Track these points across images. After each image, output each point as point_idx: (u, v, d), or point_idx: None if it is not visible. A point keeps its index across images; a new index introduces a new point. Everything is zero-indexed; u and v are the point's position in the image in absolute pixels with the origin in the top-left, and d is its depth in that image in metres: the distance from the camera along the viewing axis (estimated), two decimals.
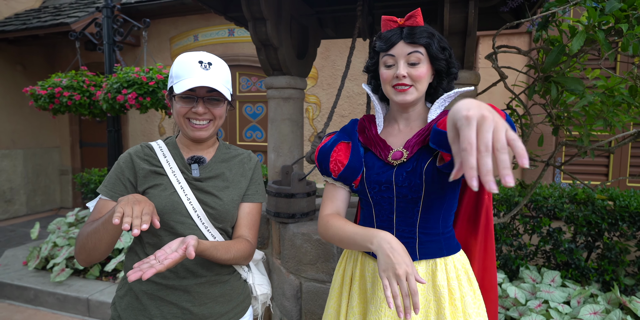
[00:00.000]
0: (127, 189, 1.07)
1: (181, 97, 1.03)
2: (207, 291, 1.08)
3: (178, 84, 1.00)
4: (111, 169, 1.12)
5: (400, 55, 0.99)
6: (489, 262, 1.18)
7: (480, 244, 1.17)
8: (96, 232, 0.94)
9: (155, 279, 1.04)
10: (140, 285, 1.06)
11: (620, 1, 1.45)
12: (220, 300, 1.10)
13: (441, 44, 1.02)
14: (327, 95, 4.77)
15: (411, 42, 0.98)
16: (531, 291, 2.36)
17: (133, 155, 1.10)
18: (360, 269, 1.12)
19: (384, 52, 1.02)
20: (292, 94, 2.27)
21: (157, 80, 3.16)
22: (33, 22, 5.11)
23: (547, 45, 1.78)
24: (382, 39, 1.02)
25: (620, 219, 2.47)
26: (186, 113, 1.04)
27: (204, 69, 1.02)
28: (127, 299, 1.07)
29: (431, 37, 1.00)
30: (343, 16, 2.72)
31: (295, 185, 2.07)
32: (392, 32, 1.02)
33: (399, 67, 0.99)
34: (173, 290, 1.05)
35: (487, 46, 3.63)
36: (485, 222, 1.16)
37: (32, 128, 6.04)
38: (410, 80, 0.99)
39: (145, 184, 1.06)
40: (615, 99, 1.82)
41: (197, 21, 5.28)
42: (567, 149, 3.70)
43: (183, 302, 1.05)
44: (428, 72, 1.01)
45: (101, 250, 0.96)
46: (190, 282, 1.06)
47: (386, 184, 1.05)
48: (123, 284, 1.11)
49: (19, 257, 3.82)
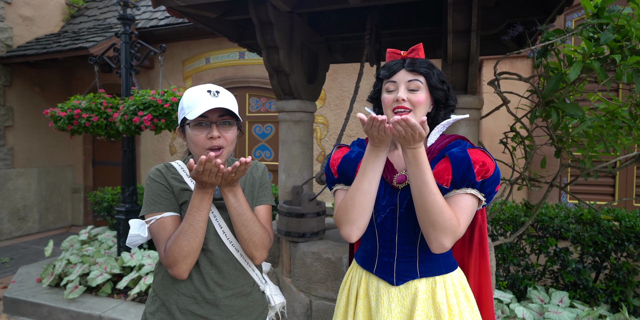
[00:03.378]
0: (176, 200, 1.14)
1: (195, 125, 1.10)
2: (234, 304, 1.15)
3: (190, 112, 1.08)
4: (147, 190, 1.16)
5: (401, 82, 1.09)
6: (483, 278, 1.24)
7: (475, 261, 1.23)
8: (185, 233, 1.05)
9: (186, 293, 1.12)
10: (172, 300, 1.12)
11: (614, 32, 1.54)
12: (244, 312, 1.18)
13: (440, 77, 1.11)
14: (335, 115, 4.89)
15: (412, 70, 1.08)
16: (539, 312, 2.37)
17: (163, 173, 1.17)
18: (365, 288, 1.18)
19: (387, 79, 1.12)
20: (302, 117, 2.37)
21: (171, 102, 3.29)
22: (53, 46, 5.34)
23: (546, 72, 1.87)
24: (386, 67, 1.13)
25: (626, 240, 2.49)
26: (204, 142, 1.11)
27: (213, 96, 1.10)
28: (160, 314, 1.14)
29: (431, 68, 1.09)
30: (351, 42, 2.85)
31: (306, 205, 2.14)
32: (395, 61, 1.12)
33: (399, 91, 1.08)
34: (204, 304, 1.12)
35: (491, 69, 3.74)
36: (479, 241, 1.22)
37: (47, 147, 6.21)
38: (409, 104, 1.08)
39: (179, 200, 1.15)
40: (616, 122, 1.89)
41: (208, 44, 5.49)
42: (572, 170, 3.74)
43: (212, 316, 1.12)
44: (427, 99, 1.10)
45: (197, 248, 1.07)
46: (219, 296, 1.13)
47: (390, 206, 1.12)
48: (153, 300, 1.18)
49: (32, 274, 3.88)
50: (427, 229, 1.00)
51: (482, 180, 1.02)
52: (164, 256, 1.07)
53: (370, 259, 1.18)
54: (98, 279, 3.31)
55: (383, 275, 1.14)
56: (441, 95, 1.11)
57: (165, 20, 5.39)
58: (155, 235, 1.10)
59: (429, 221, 0.98)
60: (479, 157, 1.03)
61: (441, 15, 2.31)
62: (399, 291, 1.11)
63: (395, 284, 1.12)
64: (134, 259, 3.47)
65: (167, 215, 1.11)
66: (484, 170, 1.02)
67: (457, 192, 1.03)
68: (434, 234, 0.98)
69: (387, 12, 2.51)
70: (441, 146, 1.11)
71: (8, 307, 3.36)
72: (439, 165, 1.05)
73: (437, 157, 1.09)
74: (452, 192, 1.03)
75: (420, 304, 1.08)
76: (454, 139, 1.13)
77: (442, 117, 1.14)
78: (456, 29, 1.80)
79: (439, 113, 1.13)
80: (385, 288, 1.12)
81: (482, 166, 1.02)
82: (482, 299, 1.21)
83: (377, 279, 1.16)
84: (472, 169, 1.00)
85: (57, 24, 6.40)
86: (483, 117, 2.03)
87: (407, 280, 1.11)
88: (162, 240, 1.08)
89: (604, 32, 1.54)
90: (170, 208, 1.12)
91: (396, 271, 1.12)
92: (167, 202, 1.12)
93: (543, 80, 2.06)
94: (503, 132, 2.51)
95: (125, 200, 3.80)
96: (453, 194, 1.03)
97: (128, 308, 3.12)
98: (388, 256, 1.14)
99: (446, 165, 1.04)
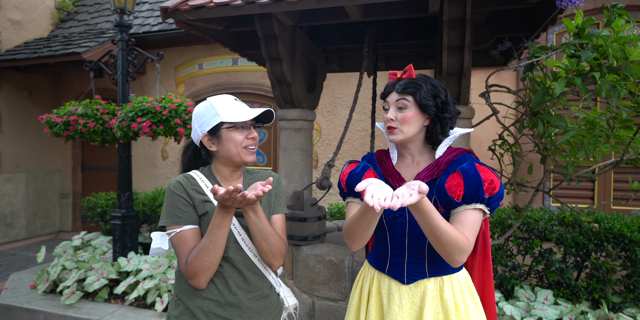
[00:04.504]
0: (197, 214, 1.22)
1: (237, 128, 1.22)
2: (254, 306, 1.24)
3: (233, 116, 1.21)
4: (167, 202, 1.21)
5: (392, 102, 1.24)
6: (486, 279, 1.36)
7: (479, 264, 1.35)
8: (206, 249, 1.13)
9: (210, 297, 1.20)
10: (196, 304, 1.20)
11: (593, 51, 1.69)
12: (263, 313, 1.26)
13: (432, 92, 1.21)
14: (327, 122, 5.00)
15: (400, 91, 1.22)
16: (526, 309, 2.51)
17: (184, 185, 1.23)
18: (377, 286, 1.29)
19: (383, 100, 1.28)
20: (302, 125, 2.47)
21: (170, 109, 3.35)
22: (44, 50, 5.32)
23: (532, 85, 2.02)
24: (384, 89, 1.28)
25: (605, 240, 2.67)
26: (243, 141, 1.23)
27: (242, 103, 1.26)
28: (184, 317, 1.21)
29: (418, 87, 1.21)
30: (347, 54, 2.97)
31: (308, 210, 2.23)
32: (390, 84, 1.27)
33: (389, 111, 1.23)
34: (227, 306, 1.20)
35: (479, 79, 3.92)
36: (483, 245, 1.34)
37: (36, 152, 6.14)
38: (397, 123, 1.21)
39: (200, 211, 1.22)
40: (595, 132, 2.05)
41: (201, 50, 5.55)
42: (555, 175, 3.94)
43: (235, 317, 1.20)
44: (415, 116, 1.21)
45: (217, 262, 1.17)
46: (242, 299, 1.21)
47: (400, 212, 1.24)
48: (177, 304, 1.25)
49: (25, 280, 3.86)
50: (444, 255, 1.11)
51: (489, 196, 1.14)
52: (185, 269, 1.16)
53: (383, 260, 1.29)
54: (95, 284, 3.33)
55: (394, 275, 1.25)
56: (432, 110, 1.21)
57: (158, 26, 5.43)
58: (176, 248, 1.18)
59: (445, 251, 1.09)
60: (487, 176, 1.15)
61: (434, 30, 2.45)
62: (409, 289, 1.22)
63: (406, 283, 1.22)
64: (131, 264, 3.50)
65: (187, 228, 1.18)
66: (492, 187, 1.14)
67: (467, 208, 1.14)
68: (451, 258, 1.10)
69: (384, 26, 2.64)
70: (449, 159, 1.22)
71: (2, 314, 3.34)
72: (451, 179, 1.16)
73: (446, 169, 1.20)
74: (462, 207, 1.15)
75: (429, 301, 1.19)
76: (461, 152, 1.24)
77: (438, 130, 1.24)
78: (450, 45, 1.94)
79: (435, 127, 1.24)
80: (396, 286, 1.23)
81: (490, 184, 1.14)
82: (485, 297, 1.32)
83: (388, 279, 1.26)
84: (482, 186, 1.12)
85: (47, 28, 6.36)
86: (475, 126, 2.17)
87: (417, 279, 1.22)
88: (183, 253, 1.16)
89: (584, 51, 1.69)
90: (189, 221, 1.19)
91: (407, 271, 1.23)
92: (186, 216, 1.19)
93: (529, 92, 2.22)
94: (490, 139, 2.67)
95: (121, 206, 3.83)
96: (463, 209, 1.15)
97: (126, 313, 3.14)
98: (399, 257, 1.25)
99: (459, 181, 1.14)
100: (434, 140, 1.26)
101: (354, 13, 1.97)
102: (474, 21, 2.02)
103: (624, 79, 1.65)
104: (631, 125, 1.98)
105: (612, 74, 1.59)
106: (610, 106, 2.05)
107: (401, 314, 1.19)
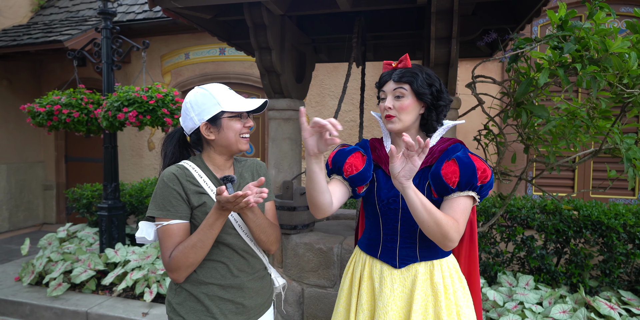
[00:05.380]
0: (188, 208, 1.21)
1: (234, 117, 1.24)
2: (254, 286, 1.29)
3: (232, 106, 1.22)
4: (159, 193, 1.19)
5: (389, 91, 1.26)
6: (472, 264, 1.41)
7: (465, 250, 1.40)
8: (194, 246, 1.13)
9: (214, 281, 1.23)
10: (200, 290, 1.22)
11: (575, 43, 1.74)
12: (261, 293, 1.32)
13: (427, 81, 1.24)
14: (315, 112, 5.01)
15: (397, 80, 1.24)
16: (508, 294, 2.60)
17: (178, 176, 1.21)
18: (369, 271, 1.33)
19: (379, 89, 1.29)
20: (291, 115, 2.48)
21: (157, 99, 3.31)
22: (24, 38, 5.17)
23: (517, 76, 2.07)
24: (380, 78, 1.30)
25: (584, 227, 2.77)
26: (241, 129, 1.25)
27: (237, 94, 1.28)
28: (189, 303, 1.23)
29: (414, 76, 1.23)
30: (336, 44, 2.98)
31: (297, 199, 2.26)
32: (386, 73, 1.29)
33: (387, 100, 1.25)
34: (229, 288, 1.24)
35: (465, 70, 3.97)
36: (470, 233, 1.39)
37: (17, 143, 6.00)
38: (395, 111, 1.23)
39: (195, 203, 1.22)
40: (576, 122, 2.11)
41: (188, 40, 5.46)
42: (537, 164, 4.04)
43: (237, 298, 1.25)
44: (412, 104, 1.24)
45: (201, 259, 1.18)
46: (243, 280, 1.26)
47: (394, 198, 1.27)
48: (177, 292, 1.26)
49: (9, 273, 3.82)
50: (438, 238, 1.13)
51: (481, 184, 1.19)
52: (167, 262, 1.16)
53: (375, 245, 1.33)
54: (82, 276, 3.31)
55: (387, 259, 1.29)
56: (428, 98, 1.24)
57: (143, 14, 5.32)
58: (161, 240, 1.18)
59: (440, 233, 1.11)
60: (480, 165, 1.20)
61: (423, 21, 2.47)
62: (400, 273, 1.26)
63: (398, 267, 1.27)
64: (119, 255, 3.49)
65: (174, 222, 1.17)
66: (484, 176, 1.18)
67: (460, 194, 1.18)
68: (445, 240, 1.13)
69: (373, 16, 2.65)
70: (442, 148, 1.26)
71: None
72: (446, 166, 1.20)
73: (440, 157, 1.24)
74: (456, 194, 1.19)
75: (420, 284, 1.23)
76: (453, 142, 1.28)
77: (434, 118, 1.28)
78: (438, 36, 1.96)
79: (431, 114, 1.27)
80: (388, 270, 1.27)
81: (483, 172, 1.18)
82: (471, 281, 1.38)
83: (380, 263, 1.30)
84: (476, 174, 1.16)
85: (26, 15, 6.17)
86: (461, 116, 2.22)
87: (409, 263, 1.26)
88: (168, 247, 1.17)
89: (567, 42, 1.74)
90: (177, 215, 1.18)
91: (399, 256, 1.28)
92: (175, 210, 1.18)
93: (513, 83, 2.27)
94: (475, 129, 2.72)
95: (108, 197, 3.79)
96: (457, 196, 1.19)
97: (115, 303, 3.15)
98: (391, 242, 1.29)
99: (454, 169, 1.18)
100: (428, 127, 1.29)
101: (343, 3, 1.98)
102: (461, 12, 2.05)
103: (603, 70, 1.70)
104: (610, 116, 2.04)
105: (593, 66, 1.64)
106: (590, 97, 2.11)
107: (393, 297, 1.23)
